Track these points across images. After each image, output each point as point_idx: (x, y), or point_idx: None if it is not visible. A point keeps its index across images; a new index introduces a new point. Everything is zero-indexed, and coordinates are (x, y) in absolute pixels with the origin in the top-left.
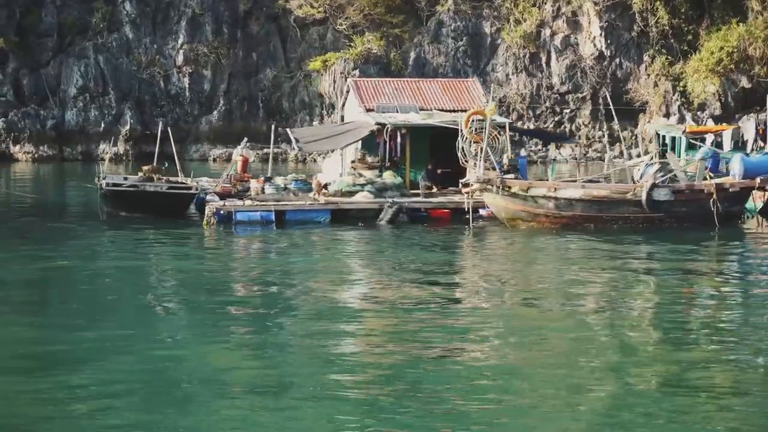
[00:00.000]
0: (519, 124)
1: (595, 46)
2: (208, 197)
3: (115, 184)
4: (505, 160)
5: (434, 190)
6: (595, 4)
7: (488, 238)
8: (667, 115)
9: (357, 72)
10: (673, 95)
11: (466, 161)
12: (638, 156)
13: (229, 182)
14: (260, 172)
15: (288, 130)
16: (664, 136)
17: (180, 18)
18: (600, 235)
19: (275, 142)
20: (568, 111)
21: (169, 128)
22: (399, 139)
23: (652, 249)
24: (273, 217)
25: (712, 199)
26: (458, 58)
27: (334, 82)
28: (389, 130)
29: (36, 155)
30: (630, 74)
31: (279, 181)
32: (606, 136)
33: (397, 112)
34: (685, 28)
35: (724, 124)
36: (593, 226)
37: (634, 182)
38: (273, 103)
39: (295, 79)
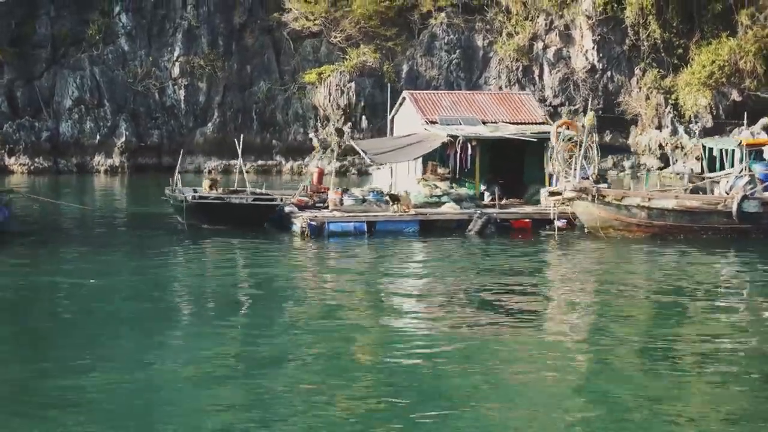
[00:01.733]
0: None
1: (587, 59)
2: (287, 209)
3: (201, 197)
4: (594, 170)
5: (504, 201)
6: (588, 17)
7: (583, 248)
8: (660, 127)
9: (353, 84)
10: (665, 108)
11: (558, 172)
12: (632, 167)
13: (306, 194)
14: (256, 183)
15: (352, 142)
16: (711, 149)
17: (176, 30)
18: (692, 245)
19: (267, 153)
20: None
21: (236, 140)
22: (470, 151)
23: (743, 261)
24: (365, 228)
25: None
26: (451, 71)
27: (330, 94)
28: (461, 142)
29: (32, 167)
30: (621, 87)
31: (357, 192)
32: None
33: (461, 124)
34: (676, 42)
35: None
36: (683, 235)
37: (710, 194)
38: (267, 116)
39: (289, 92)
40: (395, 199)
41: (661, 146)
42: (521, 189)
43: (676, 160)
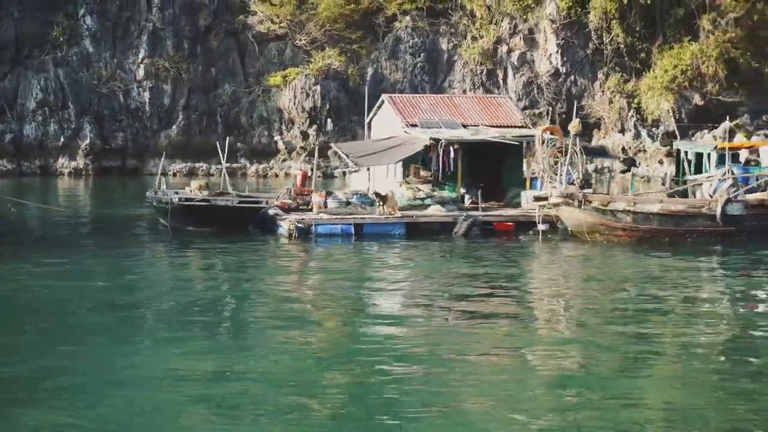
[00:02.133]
0: None
1: (551, 63)
2: (271, 211)
3: (187, 199)
4: (579, 175)
5: (484, 204)
6: (552, 21)
7: (568, 250)
8: (622, 131)
9: (318, 87)
10: (628, 112)
11: (543, 177)
12: (595, 170)
13: (289, 196)
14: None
15: (334, 145)
16: (686, 152)
17: (141, 32)
18: (676, 248)
19: (231, 156)
20: None
21: (218, 144)
22: (452, 154)
23: (729, 263)
24: (352, 230)
25: None
26: (416, 74)
27: (295, 97)
28: (443, 145)
29: None
30: (585, 91)
31: (341, 195)
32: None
33: (441, 127)
34: (639, 46)
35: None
36: (668, 239)
37: (693, 197)
38: (231, 118)
39: (253, 94)
40: (383, 198)
41: (624, 150)
42: (500, 192)
43: (639, 164)
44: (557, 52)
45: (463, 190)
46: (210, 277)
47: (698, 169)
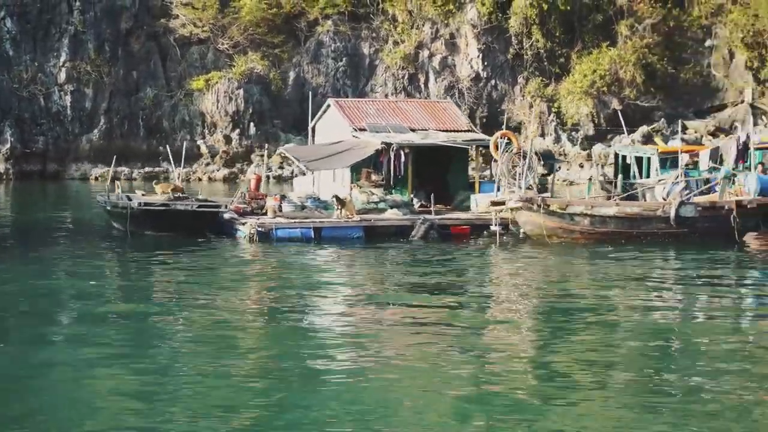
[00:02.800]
0: None
1: (472, 67)
2: (227, 215)
3: (146, 203)
4: (534, 180)
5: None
6: (473, 26)
7: (525, 252)
8: (543, 135)
9: (241, 91)
10: (549, 116)
11: (503, 181)
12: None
13: (244, 201)
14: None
15: (282, 149)
16: (624, 156)
17: (62, 35)
18: (631, 250)
19: (155, 160)
20: None
21: (167, 147)
22: (403, 159)
23: (682, 262)
24: (312, 234)
25: (732, 215)
26: (338, 78)
27: (218, 101)
28: (395, 149)
29: None
30: (505, 95)
31: (295, 199)
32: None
33: (389, 131)
34: (558, 52)
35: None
36: (624, 241)
37: (645, 200)
38: (153, 122)
39: (175, 98)
40: (342, 202)
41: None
42: (447, 195)
43: (559, 167)
44: (478, 56)
45: (411, 195)
46: (178, 280)
47: (641, 174)
